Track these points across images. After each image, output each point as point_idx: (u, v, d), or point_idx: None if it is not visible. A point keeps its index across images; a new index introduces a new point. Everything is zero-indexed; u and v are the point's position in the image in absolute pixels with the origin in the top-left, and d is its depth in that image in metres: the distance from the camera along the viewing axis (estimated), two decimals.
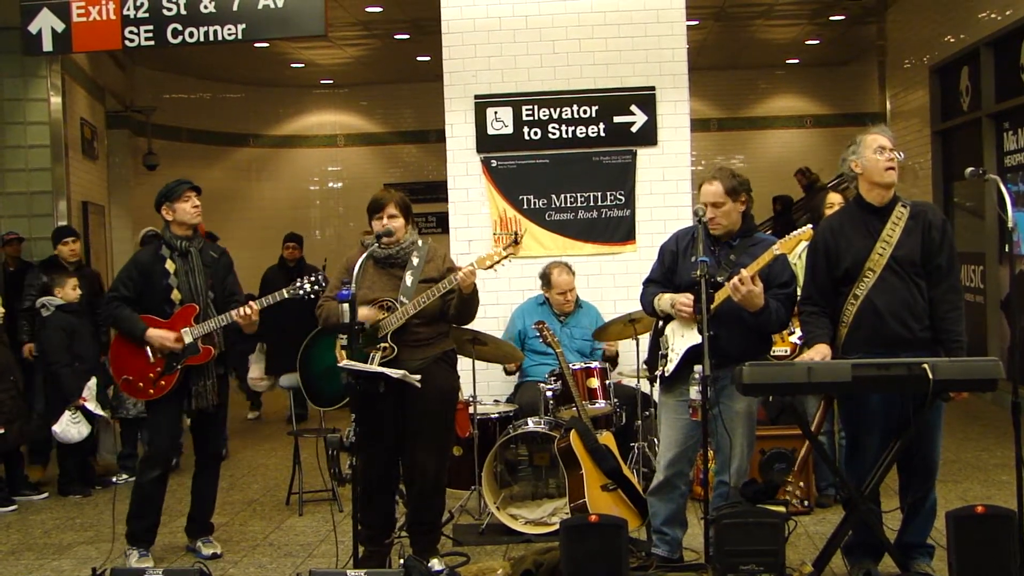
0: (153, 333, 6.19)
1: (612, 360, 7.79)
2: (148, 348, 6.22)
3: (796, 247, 5.73)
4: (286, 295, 6.24)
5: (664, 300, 5.60)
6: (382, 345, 5.53)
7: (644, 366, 6.25)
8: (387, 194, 5.87)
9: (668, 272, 5.71)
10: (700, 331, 5.18)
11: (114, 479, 8.44)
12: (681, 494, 5.73)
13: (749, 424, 5.58)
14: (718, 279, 5.37)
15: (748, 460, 5.62)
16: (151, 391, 6.24)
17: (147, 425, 6.66)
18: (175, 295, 6.26)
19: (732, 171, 5.60)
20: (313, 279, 6.23)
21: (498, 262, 5.65)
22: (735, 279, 5.22)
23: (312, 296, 6.19)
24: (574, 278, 7.79)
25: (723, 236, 5.58)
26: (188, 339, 6.19)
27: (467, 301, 5.64)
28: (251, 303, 6.24)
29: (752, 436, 5.65)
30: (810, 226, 5.56)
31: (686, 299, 5.42)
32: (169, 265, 6.30)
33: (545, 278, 7.77)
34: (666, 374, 5.60)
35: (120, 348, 6.36)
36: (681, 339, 5.53)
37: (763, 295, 5.29)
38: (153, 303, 6.29)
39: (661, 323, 5.69)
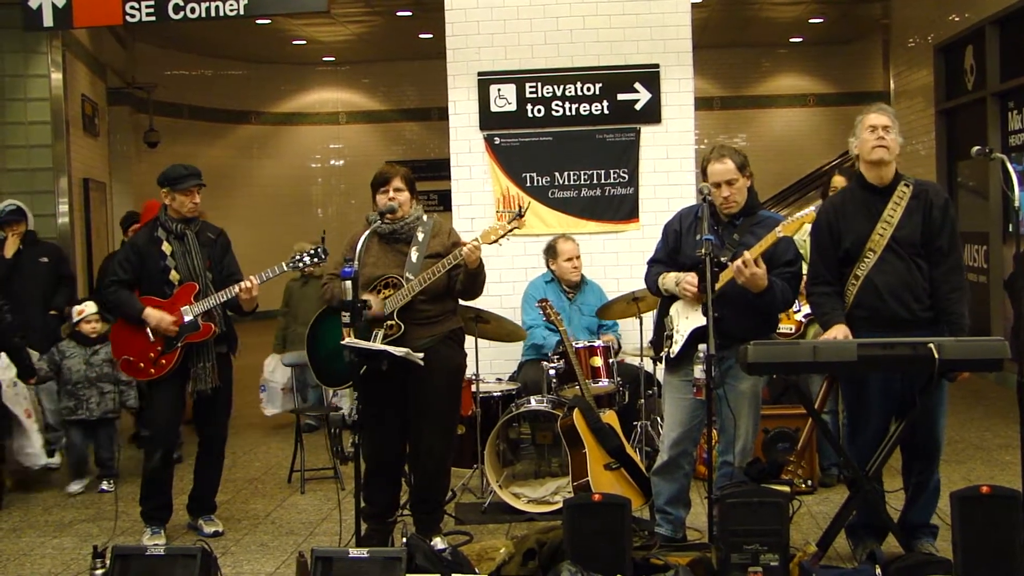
0: (151, 313, 6.16)
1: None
2: (148, 327, 6.21)
3: (799, 229, 5.70)
4: (285, 268, 6.24)
5: (668, 280, 5.57)
6: (388, 323, 5.51)
7: (649, 346, 6.23)
8: (392, 168, 5.83)
9: (672, 252, 5.68)
10: (704, 311, 5.16)
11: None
12: (685, 474, 5.72)
13: (754, 404, 5.57)
14: (722, 259, 5.35)
15: (753, 440, 5.61)
16: (152, 370, 6.22)
17: (147, 407, 6.59)
18: (173, 276, 6.24)
19: (733, 148, 5.60)
20: (312, 251, 6.23)
21: (503, 236, 5.62)
22: (738, 262, 5.20)
23: (311, 268, 6.17)
24: (578, 246, 7.76)
25: (728, 215, 5.55)
26: (188, 317, 6.16)
27: (473, 275, 5.61)
28: (250, 277, 6.21)
29: (757, 416, 5.64)
30: (812, 208, 5.54)
31: (691, 278, 5.40)
32: (166, 247, 6.28)
33: (550, 250, 7.73)
34: (671, 355, 5.58)
35: (120, 328, 6.35)
36: (686, 320, 5.51)
37: (767, 276, 5.26)
38: (152, 285, 6.28)
39: (666, 304, 5.67)
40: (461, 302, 6.00)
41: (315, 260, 6.24)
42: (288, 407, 9.41)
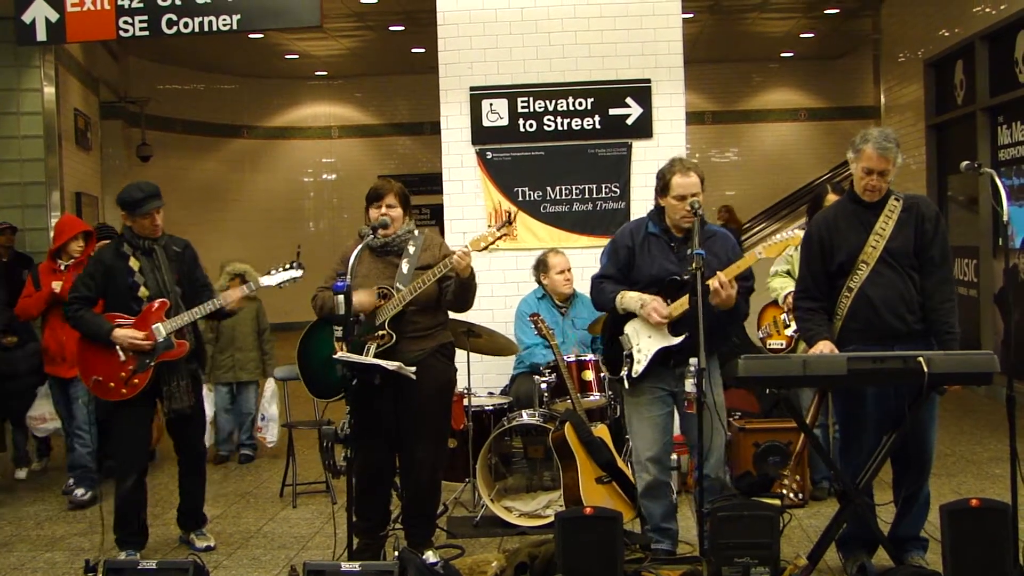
0: (120, 333, 5.95)
1: None
2: (118, 346, 6.01)
3: (782, 252, 5.73)
4: (261, 285, 6.15)
5: (630, 299, 5.56)
6: (380, 332, 5.52)
7: (603, 365, 6.20)
8: (386, 184, 5.84)
9: (624, 268, 5.67)
10: (672, 330, 5.33)
11: None
12: (669, 488, 5.75)
13: (723, 416, 5.58)
14: (684, 277, 5.38)
15: (724, 451, 5.64)
16: (124, 391, 6.00)
17: (115, 430, 6.34)
18: (142, 292, 6.04)
19: (693, 162, 5.64)
20: (288, 266, 6.17)
21: (492, 243, 5.63)
22: (714, 283, 5.20)
23: (286, 284, 6.14)
24: (567, 259, 7.77)
25: (679, 231, 5.57)
26: (161, 335, 5.99)
27: (465, 285, 5.61)
28: (229, 292, 6.14)
29: (725, 428, 5.67)
30: (796, 231, 5.57)
31: (659, 306, 5.43)
32: (133, 263, 6.07)
33: (541, 264, 7.69)
34: (632, 374, 5.59)
35: (87, 347, 6.11)
36: (648, 339, 5.52)
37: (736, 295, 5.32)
38: (119, 301, 6.07)
39: (619, 321, 5.67)
40: (453, 316, 6.02)
41: (294, 278, 6.17)
42: (210, 441, 9.09)
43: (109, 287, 6.10)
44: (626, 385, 5.69)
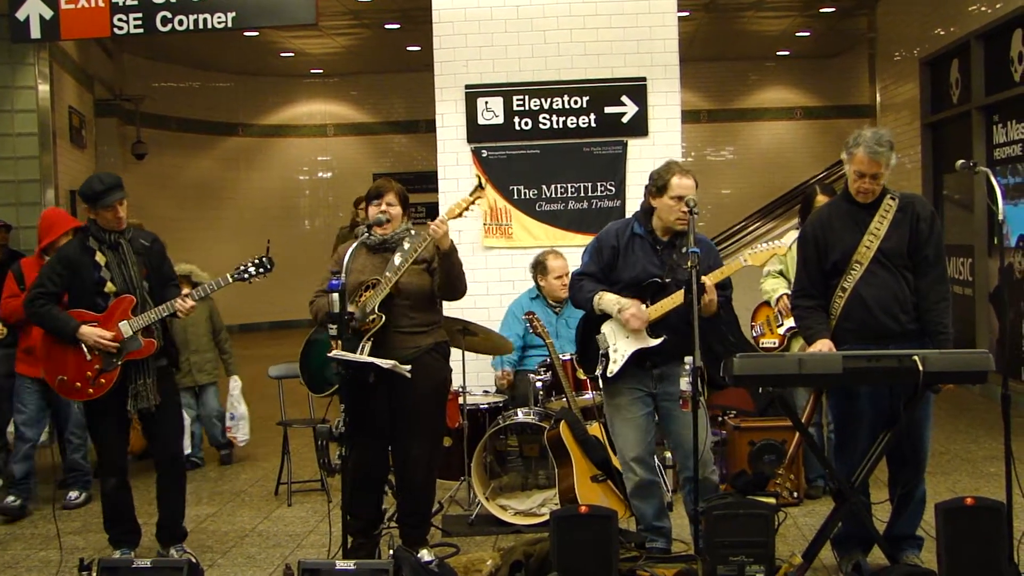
0: (87, 331, 5.74)
1: None
2: (83, 344, 5.81)
3: (768, 260, 5.73)
4: (230, 280, 5.98)
5: (607, 301, 5.56)
6: (371, 317, 5.49)
7: (577, 364, 6.19)
8: (387, 183, 5.82)
9: (607, 268, 5.66)
10: (652, 332, 5.36)
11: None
12: (658, 486, 5.75)
13: (706, 417, 5.57)
14: (666, 280, 5.39)
15: (710, 451, 5.64)
16: (90, 390, 5.81)
17: (91, 433, 6.22)
18: (109, 287, 5.85)
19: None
20: (257, 261, 6.02)
21: (466, 208, 5.63)
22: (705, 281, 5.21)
23: (256, 279, 6.05)
24: (567, 262, 7.76)
25: (664, 234, 5.58)
26: (128, 332, 5.81)
27: (448, 259, 5.54)
28: (190, 292, 5.93)
29: (708, 428, 5.66)
30: (781, 242, 5.58)
31: (637, 311, 5.44)
32: (99, 257, 5.86)
33: (540, 266, 7.68)
34: (608, 375, 5.60)
35: (51, 345, 5.90)
36: (626, 340, 5.53)
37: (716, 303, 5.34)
38: (84, 297, 5.86)
39: (596, 320, 5.67)
40: (448, 313, 6.00)
41: (260, 271, 6.02)
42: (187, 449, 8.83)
43: (74, 282, 5.91)
44: (600, 385, 5.73)
